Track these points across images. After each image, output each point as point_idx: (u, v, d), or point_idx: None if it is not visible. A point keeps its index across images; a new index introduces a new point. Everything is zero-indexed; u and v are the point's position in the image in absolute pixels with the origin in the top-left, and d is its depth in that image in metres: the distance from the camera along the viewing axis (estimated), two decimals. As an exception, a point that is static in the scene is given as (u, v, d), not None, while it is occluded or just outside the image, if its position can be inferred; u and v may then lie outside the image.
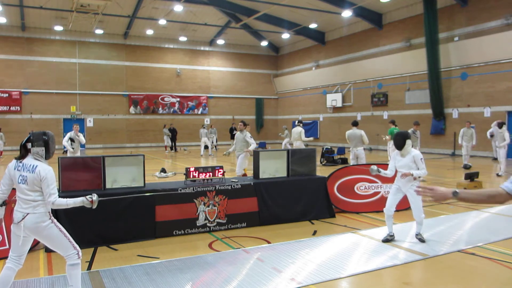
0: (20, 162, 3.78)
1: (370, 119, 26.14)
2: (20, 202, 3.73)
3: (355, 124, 11.85)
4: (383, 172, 6.21)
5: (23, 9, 24.91)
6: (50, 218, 3.80)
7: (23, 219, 3.67)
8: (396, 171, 6.18)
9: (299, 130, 14.31)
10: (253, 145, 9.97)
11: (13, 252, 3.78)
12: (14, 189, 3.95)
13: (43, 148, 3.78)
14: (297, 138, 14.31)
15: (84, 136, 13.04)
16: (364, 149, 11.85)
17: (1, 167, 17.46)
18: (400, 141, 6.04)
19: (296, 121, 15.17)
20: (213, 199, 6.79)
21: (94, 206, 3.82)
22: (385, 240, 6.08)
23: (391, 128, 14.04)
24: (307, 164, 8.03)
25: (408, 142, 6.01)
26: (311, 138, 16.17)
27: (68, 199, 3.78)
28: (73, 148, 12.05)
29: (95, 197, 3.84)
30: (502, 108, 19.06)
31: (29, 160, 3.76)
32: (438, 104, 21.27)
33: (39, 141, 3.77)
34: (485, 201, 2.59)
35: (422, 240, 6.05)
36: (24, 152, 3.80)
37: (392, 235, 6.14)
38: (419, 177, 5.96)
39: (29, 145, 3.78)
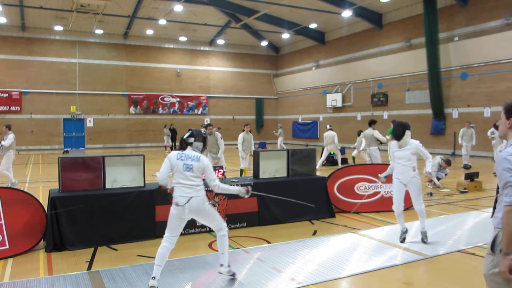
0: (182, 153, 4.42)
1: (370, 119, 26.10)
2: (182, 188, 4.36)
3: (370, 123, 11.88)
4: (389, 173, 6.17)
5: (23, 9, 24.90)
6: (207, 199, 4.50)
7: (187, 202, 4.30)
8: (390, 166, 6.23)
9: (332, 134, 15.32)
10: (222, 148, 10.30)
11: (169, 232, 4.44)
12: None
13: (202, 143, 4.55)
14: (331, 142, 15.31)
15: (12, 138, 10.81)
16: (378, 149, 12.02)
17: None
18: (399, 131, 5.79)
19: (328, 125, 16.40)
20: (213, 199, 6.78)
21: (247, 196, 4.60)
22: (403, 240, 5.92)
23: (391, 128, 14.04)
24: (307, 164, 8.03)
25: (408, 132, 5.77)
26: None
27: (228, 185, 4.61)
28: None
29: (250, 188, 4.76)
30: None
31: (190, 152, 4.46)
32: (438, 104, 21.26)
33: (200, 137, 4.53)
34: None
35: (424, 241, 5.92)
36: (185, 145, 4.51)
37: (406, 231, 5.96)
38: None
39: (191, 139, 4.48)
